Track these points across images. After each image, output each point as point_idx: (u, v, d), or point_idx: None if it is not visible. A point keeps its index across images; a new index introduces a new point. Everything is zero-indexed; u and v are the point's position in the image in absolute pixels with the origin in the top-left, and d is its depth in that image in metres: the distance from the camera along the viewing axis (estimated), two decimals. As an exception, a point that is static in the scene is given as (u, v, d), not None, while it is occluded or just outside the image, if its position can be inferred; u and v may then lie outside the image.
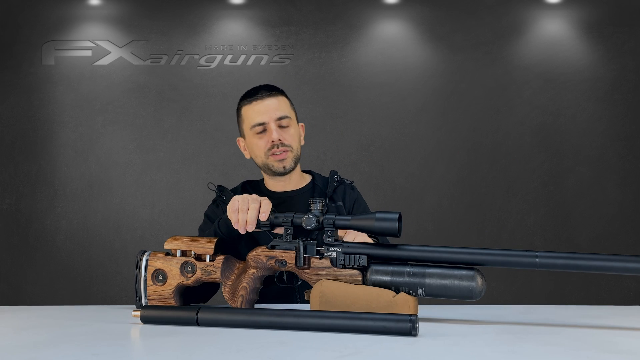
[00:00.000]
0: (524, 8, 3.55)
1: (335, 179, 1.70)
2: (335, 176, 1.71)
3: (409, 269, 1.16)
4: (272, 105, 1.63)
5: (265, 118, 1.62)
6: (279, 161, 1.63)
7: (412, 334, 0.99)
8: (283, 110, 1.64)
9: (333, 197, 1.68)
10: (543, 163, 3.51)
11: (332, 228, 1.22)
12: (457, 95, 3.53)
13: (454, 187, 3.50)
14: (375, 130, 3.52)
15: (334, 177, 1.71)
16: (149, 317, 1.13)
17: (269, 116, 1.62)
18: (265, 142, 1.63)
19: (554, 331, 1.06)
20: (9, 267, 3.44)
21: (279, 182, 1.69)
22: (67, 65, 3.52)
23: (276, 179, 1.69)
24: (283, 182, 1.69)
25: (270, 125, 1.62)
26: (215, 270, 1.28)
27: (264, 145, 1.63)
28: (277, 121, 1.62)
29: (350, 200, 1.71)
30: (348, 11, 3.55)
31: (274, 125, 1.61)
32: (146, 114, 3.51)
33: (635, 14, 3.53)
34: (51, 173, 3.48)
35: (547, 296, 3.44)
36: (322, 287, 1.19)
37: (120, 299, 3.31)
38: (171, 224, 3.44)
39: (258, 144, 1.64)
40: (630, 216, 3.48)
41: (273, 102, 1.63)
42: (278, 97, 1.65)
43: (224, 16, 3.57)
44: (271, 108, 1.62)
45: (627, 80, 3.52)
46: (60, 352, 0.91)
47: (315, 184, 1.73)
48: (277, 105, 1.63)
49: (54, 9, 3.53)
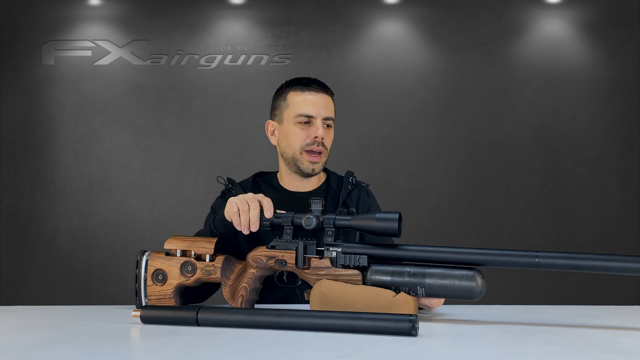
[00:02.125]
0: (524, 8, 3.55)
1: (351, 180, 1.63)
2: (350, 178, 1.64)
3: (409, 269, 1.16)
4: (324, 102, 1.59)
5: (314, 112, 1.57)
6: (311, 162, 1.57)
7: (412, 334, 0.99)
8: (331, 111, 1.60)
9: (346, 202, 1.61)
10: (543, 163, 3.51)
11: (332, 228, 1.22)
12: (457, 95, 3.53)
13: (454, 187, 3.50)
14: (375, 130, 3.52)
15: (350, 178, 1.64)
16: (149, 317, 1.13)
17: (318, 111, 1.57)
18: (307, 135, 1.56)
19: (554, 331, 1.06)
20: (9, 267, 3.44)
21: (297, 180, 1.63)
22: (67, 65, 3.52)
23: (295, 177, 1.62)
24: (301, 182, 1.63)
25: (317, 121, 1.57)
26: (215, 270, 1.28)
27: (303, 138, 1.57)
28: (324, 120, 1.58)
29: (365, 207, 1.64)
30: (348, 11, 3.55)
31: (320, 122, 1.57)
32: (146, 114, 3.51)
33: (635, 14, 3.53)
34: (51, 173, 3.48)
35: (547, 296, 3.44)
36: (322, 287, 1.19)
37: (120, 299, 3.31)
38: (171, 224, 3.44)
39: (298, 135, 1.57)
40: (630, 216, 3.47)
41: (325, 100, 1.59)
42: (329, 98, 1.61)
43: (224, 16, 3.57)
44: (322, 104, 1.58)
45: (627, 80, 3.52)
46: (60, 352, 0.91)
47: (330, 185, 1.66)
48: (328, 105, 1.59)
49: (54, 9, 3.53)
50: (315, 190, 1.65)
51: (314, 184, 1.65)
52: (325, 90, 1.62)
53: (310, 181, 1.64)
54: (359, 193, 1.65)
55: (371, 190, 1.70)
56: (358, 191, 1.65)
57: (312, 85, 1.60)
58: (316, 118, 1.57)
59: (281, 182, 1.66)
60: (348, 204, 1.61)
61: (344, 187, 1.62)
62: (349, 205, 1.61)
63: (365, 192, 1.66)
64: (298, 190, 1.64)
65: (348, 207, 1.60)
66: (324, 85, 1.63)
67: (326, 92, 1.61)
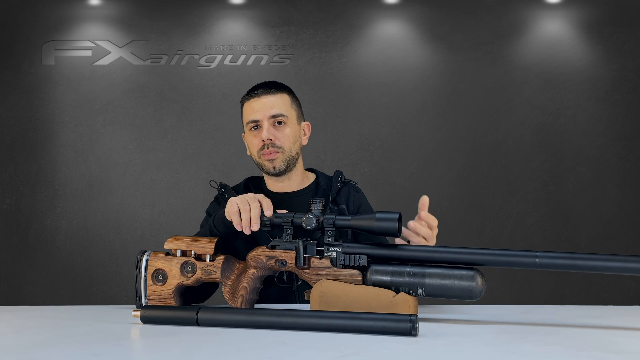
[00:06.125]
0: (524, 8, 3.55)
1: (340, 179, 1.65)
2: (339, 177, 1.66)
3: (409, 269, 1.16)
4: (268, 103, 1.59)
5: (258, 116, 1.58)
6: (268, 161, 1.59)
7: (412, 334, 0.99)
8: (279, 108, 1.59)
9: (336, 199, 1.63)
10: (543, 163, 3.51)
11: (332, 228, 1.22)
12: (457, 95, 3.53)
13: (454, 187, 3.50)
14: (375, 130, 3.52)
15: (339, 177, 1.66)
16: (149, 317, 1.13)
17: (263, 114, 1.58)
18: (259, 140, 1.59)
19: (554, 331, 1.06)
20: (9, 267, 3.44)
21: (277, 182, 1.65)
22: (67, 65, 3.52)
23: (274, 179, 1.65)
24: (282, 182, 1.65)
25: (262, 123, 1.58)
26: (215, 270, 1.28)
27: (257, 144, 1.60)
28: (271, 119, 1.58)
29: (355, 203, 1.66)
30: (348, 11, 3.55)
31: (266, 124, 1.58)
32: (146, 114, 3.51)
33: (635, 14, 3.53)
34: (51, 173, 3.48)
35: (547, 296, 3.43)
36: (322, 287, 1.19)
37: (120, 299, 3.31)
38: (171, 224, 3.44)
39: (252, 142, 1.61)
40: (630, 216, 3.47)
41: (270, 100, 1.59)
42: (277, 95, 1.60)
43: (224, 16, 3.57)
44: (267, 106, 1.58)
45: (627, 80, 3.52)
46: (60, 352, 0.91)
47: (319, 184, 1.68)
48: (274, 103, 1.59)
49: (54, 9, 3.53)
50: (305, 189, 1.67)
51: (298, 184, 1.67)
52: (271, 90, 1.61)
53: (293, 181, 1.66)
54: (349, 190, 1.67)
55: (360, 188, 1.73)
56: (347, 189, 1.67)
57: (257, 90, 1.61)
58: (262, 120, 1.59)
59: (267, 186, 1.69)
60: (338, 201, 1.64)
61: (333, 185, 1.65)
62: (339, 202, 1.63)
63: (354, 189, 1.69)
64: (284, 191, 1.66)
65: (338, 204, 1.62)
66: (272, 85, 1.63)
67: (272, 91, 1.61)
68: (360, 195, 1.70)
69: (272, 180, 1.66)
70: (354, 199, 1.66)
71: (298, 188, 1.67)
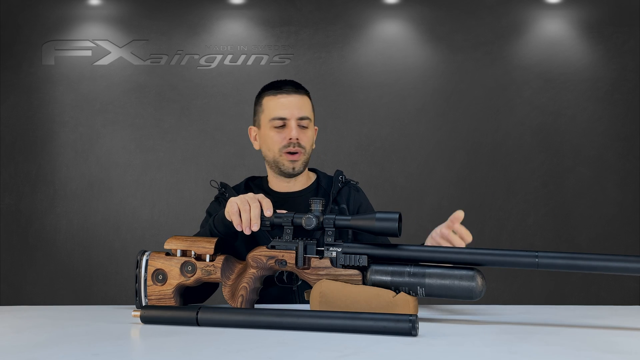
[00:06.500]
0: (524, 8, 3.55)
1: (340, 179, 1.67)
2: (340, 176, 1.67)
3: (409, 269, 1.16)
4: (297, 102, 1.60)
5: (287, 114, 1.59)
6: (290, 161, 1.60)
7: (412, 334, 0.99)
8: (306, 110, 1.61)
9: (337, 199, 1.64)
10: (543, 163, 3.51)
11: (332, 228, 1.22)
12: (457, 95, 3.53)
13: (454, 187, 3.50)
14: (375, 130, 3.52)
15: (339, 177, 1.67)
16: (149, 317, 1.13)
17: (291, 113, 1.59)
18: (282, 137, 1.59)
19: (554, 331, 1.06)
20: (9, 267, 3.44)
21: (283, 182, 1.66)
22: (67, 65, 3.52)
23: (281, 179, 1.65)
24: (288, 182, 1.66)
25: (290, 123, 1.59)
26: (215, 270, 1.28)
27: (280, 141, 1.60)
28: (298, 120, 1.60)
29: (356, 203, 1.67)
30: (348, 11, 3.55)
31: (294, 123, 1.59)
32: (146, 114, 3.51)
33: (635, 14, 3.53)
34: (51, 173, 3.48)
35: (547, 296, 3.43)
36: (322, 287, 1.19)
37: (120, 299, 3.31)
38: (171, 224, 3.44)
39: (274, 138, 1.60)
40: (630, 216, 3.47)
41: (298, 100, 1.61)
42: (303, 97, 1.62)
43: (224, 16, 3.57)
44: (295, 105, 1.60)
45: (627, 80, 3.52)
46: (60, 352, 0.91)
47: (320, 184, 1.69)
48: (301, 104, 1.61)
49: (54, 9, 3.53)
50: (306, 190, 1.68)
51: (302, 184, 1.68)
52: (299, 90, 1.63)
53: (298, 181, 1.67)
54: (349, 190, 1.68)
55: (361, 187, 1.73)
56: (348, 188, 1.68)
57: (284, 88, 1.62)
58: (290, 119, 1.59)
59: (270, 185, 1.69)
60: (339, 201, 1.64)
61: (334, 185, 1.66)
62: (340, 202, 1.64)
63: (355, 189, 1.70)
64: (288, 191, 1.66)
65: (339, 204, 1.63)
66: (298, 86, 1.64)
67: (300, 92, 1.63)
68: (361, 195, 1.71)
69: (279, 180, 1.66)
70: (354, 198, 1.67)
71: (301, 188, 1.68)
